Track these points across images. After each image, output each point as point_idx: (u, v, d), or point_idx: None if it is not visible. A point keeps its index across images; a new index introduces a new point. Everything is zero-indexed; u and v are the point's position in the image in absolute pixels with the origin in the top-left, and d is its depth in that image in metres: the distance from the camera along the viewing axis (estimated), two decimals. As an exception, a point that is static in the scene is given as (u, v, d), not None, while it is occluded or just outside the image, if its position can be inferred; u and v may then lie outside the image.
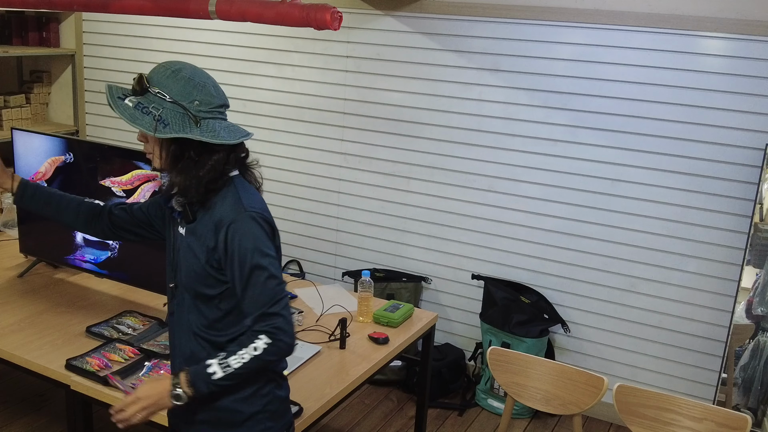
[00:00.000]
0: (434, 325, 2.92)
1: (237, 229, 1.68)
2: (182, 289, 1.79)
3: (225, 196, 1.72)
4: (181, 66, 1.70)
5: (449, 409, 3.68)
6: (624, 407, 2.27)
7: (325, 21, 2.21)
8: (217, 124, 1.70)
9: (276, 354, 1.68)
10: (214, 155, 1.69)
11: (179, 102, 1.66)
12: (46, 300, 2.76)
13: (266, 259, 1.69)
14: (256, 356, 1.66)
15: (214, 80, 1.74)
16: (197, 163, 1.68)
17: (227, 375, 1.66)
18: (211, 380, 1.66)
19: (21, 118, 4.67)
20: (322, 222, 4.21)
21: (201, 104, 1.67)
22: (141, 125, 1.64)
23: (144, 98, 1.67)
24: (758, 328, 3.13)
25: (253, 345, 1.66)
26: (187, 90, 1.67)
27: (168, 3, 2.50)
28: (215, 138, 1.66)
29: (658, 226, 3.39)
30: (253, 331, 1.68)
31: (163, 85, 1.67)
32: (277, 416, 1.85)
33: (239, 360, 1.66)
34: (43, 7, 2.93)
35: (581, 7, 3.35)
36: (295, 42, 4.06)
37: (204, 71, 1.73)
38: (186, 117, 1.66)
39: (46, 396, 3.44)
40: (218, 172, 1.70)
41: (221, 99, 1.72)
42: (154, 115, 1.64)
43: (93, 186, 2.78)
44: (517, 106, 3.58)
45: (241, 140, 1.72)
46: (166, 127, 1.64)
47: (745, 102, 3.15)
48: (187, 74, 1.68)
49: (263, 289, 1.67)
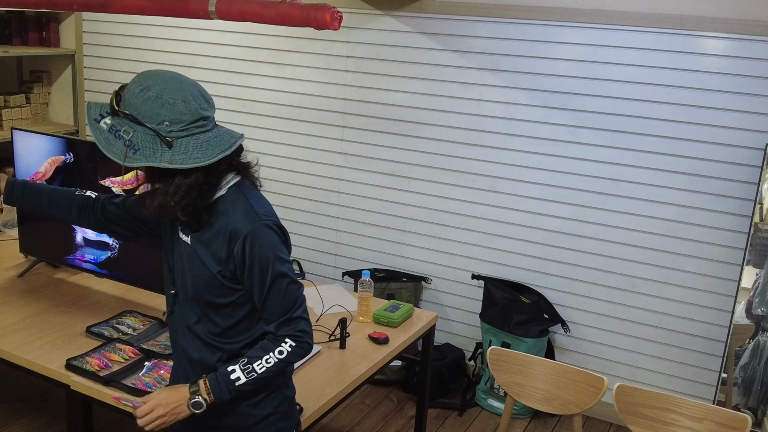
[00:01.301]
0: (434, 325, 2.92)
1: (255, 240, 1.64)
2: (188, 299, 1.76)
3: (235, 204, 1.67)
4: (151, 82, 1.58)
5: (449, 409, 3.67)
6: (624, 407, 2.27)
7: (325, 21, 2.21)
8: (192, 142, 1.59)
9: (300, 356, 1.71)
10: (188, 178, 1.60)
11: (147, 125, 1.56)
12: (46, 300, 2.76)
13: (285, 266, 1.69)
14: (282, 360, 1.68)
15: (192, 90, 1.61)
16: (173, 186, 1.60)
17: (250, 380, 1.67)
18: (235, 386, 1.67)
19: (21, 118, 4.66)
20: (322, 222, 4.21)
21: (171, 124, 1.56)
22: (112, 154, 1.56)
23: (117, 120, 1.58)
24: (758, 328, 3.13)
25: (278, 349, 1.68)
26: (154, 111, 1.56)
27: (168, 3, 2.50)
28: (186, 162, 1.56)
29: (658, 226, 3.39)
30: (277, 336, 1.69)
31: (132, 105, 1.57)
32: (287, 416, 1.85)
33: (264, 365, 1.67)
34: (43, 7, 2.94)
35: (581, 7, 3.35)
36: (295, 42, 4.06)
37: (181, 81, 1.61)
38: (157, 140, 1.56)
39: (46, 396, 3.44)
40: (200, 190, 1.62)
41: (194, 114, 1.59)
42: (124, 140, 1.56)
43: (93, 186, 2.78)
44: (517, 106, 3.58)
45: (218, 158, 1.60)
46: (136, 153, 1.55)
47: (745, 102, 3.15)
48: (154, 93, 1.56)
49: (286, 295, 1.69)
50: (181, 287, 1.77)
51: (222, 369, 1.68)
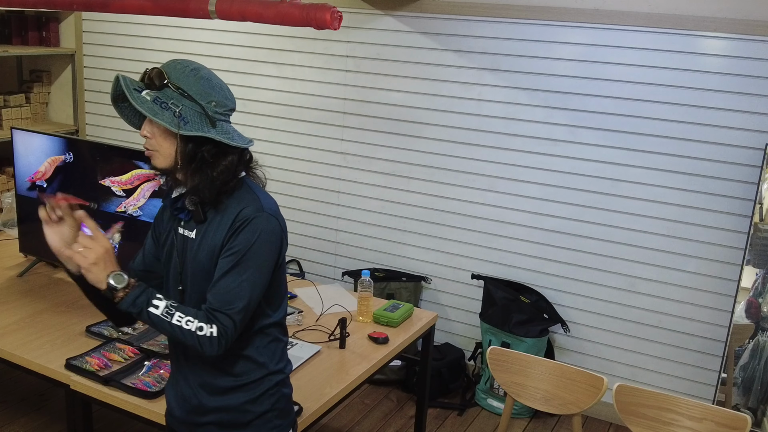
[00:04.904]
0: (434, 324, 2.92)
1: (253, 225, 1.65)
2: (195, 292, 1.74)
3: (241, 197, 1.70)
4: (198, 65, 1.68)
5: (449, 409, 3.67)
6: (624, 407, 2.27)
7: (325, 21, 2.21)
8: (229, 126, 1.70)
9: (205, 347, 1.63)
10: (228, 157, 1.66)
11: (198, 101, 1.63)
12: (46, 300, 2.76)
13: (256, 262, 1.66)
14: (195, 335, 1.61)
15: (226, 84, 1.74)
16: (211, 164, 1.65)
17: (159, 320, 1.61)
18: (147, 310, 1.61)
19: (21, 118, 4.66)
20: (322, 222, 4.21)
21: (217, 105, 1.66)
22: (162, 120, 1.59)
23: (162, 93, 1.62)
24: (758, 328, 3.13)
25: (203, 325, 1.62)
26: (205, 90, 1.65)
27: (168, 3, 2.50)
28: (231, 140, 1.65)
29: (658, 225, 3.39)
30: (212, 316, 1.64)
31: (182, 82, 1.64)
32: (284, 414, 1.85)
33: (182, 323, 1.61)
34: (43, 6, 2.93)
35: (581, 7, 3.35)
36: (295, 42, 4.06)
37: (216, 74, 1.73)
38: (203, 117, 1.63)
39: (45, 395, 3.44)
40: (231, 173, 1.68)
41: (233, 102, 1.72)
42: (174, 111, 1.61)
43: (93, 186, 2.78)
44: (517, 105, 3.58)
45: (249, 145, 1.71)
46: (187, 125, 1.61)
47: (745, 102, 3.15)
48: (205, 74, 1.67)
49: (237, 288, 1.65)
50: (190, 283, 1.75)
51: (153, 290, 1.63)
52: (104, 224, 2.73)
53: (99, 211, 2.78)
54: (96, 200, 2.78)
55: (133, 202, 2.74)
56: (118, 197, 2.75)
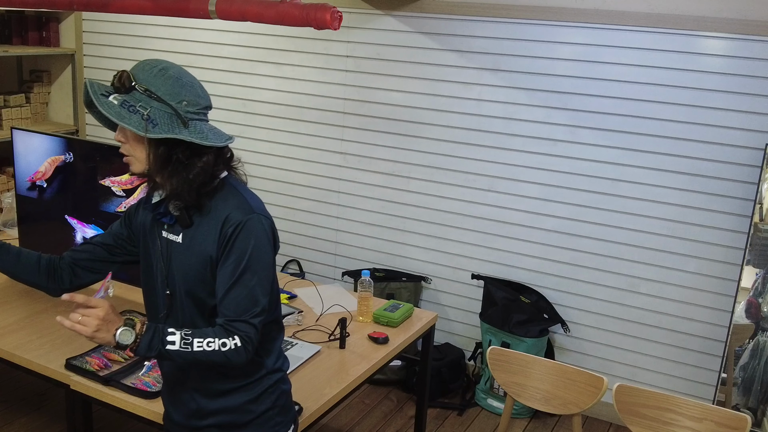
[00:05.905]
0: (434, 324, 2.92)
1: (245, 230, 1.64)
2: (183, 296, 1.73)
3: (226, 198, 1.68)
4: (167, 65, 1.64)
5: (449, 409, 3.67)
6: (624, 407, 2.27)
7: (324, 21, 2.21)
8: (204, 125, 1.64)
9: (234, 360, 1.62)
10: (203, 157, 1.63)
11: (167, 101, 1.59)
12: (46, 300, 2.76)
13: (260, 266, 1.66)
14: (221, 352, 1.60)
15: (198, 81, 1.69)
16: (187, 166, 1.61)
17: (181, 352, 1.58)
18: (165, 348, 1.58)
19: (21, 118, 4.66)
20: (322, 222, 4.21)
21: (189, 105, 1.61)
22: (129, 124, 1.56)
23: (129, 96, 1.59)
24: (758, 328, 3.13)
25: (224, 341, 1.60)
26: (175, 90, 1.60)
27: (168, 3, 2.50)
28: (205, 140, 1.60)
29: (658, 225, 3.39)
30: (229, 328, 1.62)
31: (150, 83, 1.60)
32: (285, 410, 1.86)
33: (203, 346, 1.59)
34: (43, 6, 2.94)
35: (581, 7, 3.35)
36: (295, 42, 4.06)
37: (188, 71, 1.68)
38: (174, 117, 1.59)
39: (45, 395, 3.44)
40: (208, 174, 1.64)
41: (206, 100, 1.67)
42: (141, 114, 1.57)
43: (93, 186, 2.78)
44: (517, 105, 3.58)
45: (227, 143, 1.67)
46: (156, 127, 1.57)
47: (745, 102, 3.15)
48: (174, 73, 1.62)
49: (249, 295, 1.64)
50: (178, 287, 1.74)
51: (163, 327, 1.61)
52: (104, 224, 2.73)
53: (99, 211, 2.79)
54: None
55: (132, 202, 2.74)
56: (118, 197, 2.75)
